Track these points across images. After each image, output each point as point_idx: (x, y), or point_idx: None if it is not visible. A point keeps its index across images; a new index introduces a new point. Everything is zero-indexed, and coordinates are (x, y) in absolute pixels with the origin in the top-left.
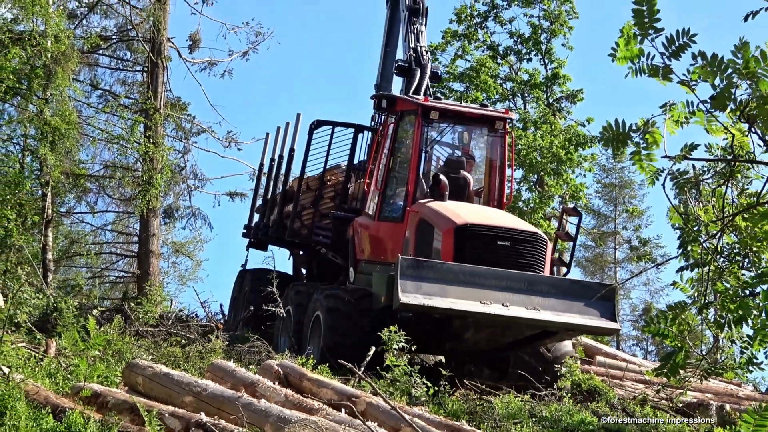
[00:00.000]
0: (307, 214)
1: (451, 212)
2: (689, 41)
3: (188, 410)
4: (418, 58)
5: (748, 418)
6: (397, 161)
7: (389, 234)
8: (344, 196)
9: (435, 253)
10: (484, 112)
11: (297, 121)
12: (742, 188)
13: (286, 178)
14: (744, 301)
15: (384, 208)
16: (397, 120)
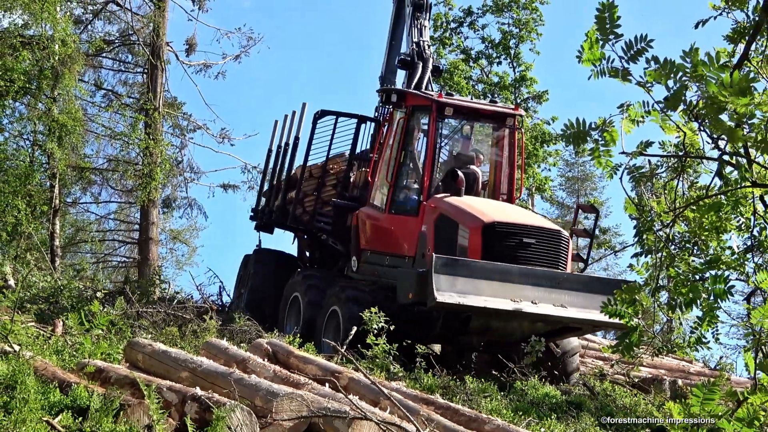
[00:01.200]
0: (309, 201)
1: (476, 209)
2: (646, 46)
3: (184, 385)
4: (420, 52)
5: (697, 392)
6: (408, 155)
7: (401, 227)
8: (346, 185)
9: (460, 250)
10: (497, 109)
11: (302, 110)
12: (692, 182)
13: (291, 165)
14: (694, 285)
15: (395, 201)
16: (408, 114)
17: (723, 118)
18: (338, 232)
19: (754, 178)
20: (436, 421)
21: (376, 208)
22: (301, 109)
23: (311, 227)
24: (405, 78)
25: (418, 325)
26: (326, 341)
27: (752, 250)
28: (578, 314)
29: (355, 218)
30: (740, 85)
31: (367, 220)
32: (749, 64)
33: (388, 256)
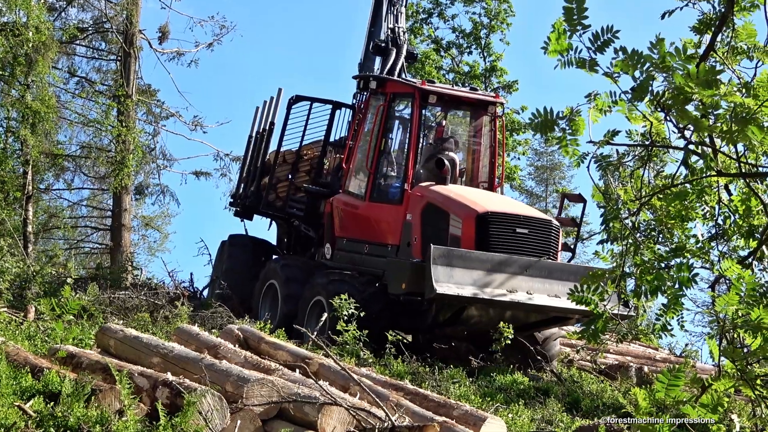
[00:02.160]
0: (283, 187)
1: (466, 199)
2: (613, 37)
3: (156, 370)
4: (395, 39)
5: (662, 378)
6: (388, 142)
7: (383, 215)
8: (319, 171)
9: (452, 240)
10: (480, 97)
11: (278, 96)
12: (658, 171)
13: (265, 151)
14: (659, 273)
15: (375, 189)
16: (388, 101)
17: (689, 109)
18: (310, 218)
19: (719, 168)
20: (405, 406)
21: (353, 196)
22: (276, 95)
23: (284, 213)
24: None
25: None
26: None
27: (717, 239)
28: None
29: (329, 205)
30: (706, 77)
31: (344, 208)
32: (715, 55)
33: (367, 244)
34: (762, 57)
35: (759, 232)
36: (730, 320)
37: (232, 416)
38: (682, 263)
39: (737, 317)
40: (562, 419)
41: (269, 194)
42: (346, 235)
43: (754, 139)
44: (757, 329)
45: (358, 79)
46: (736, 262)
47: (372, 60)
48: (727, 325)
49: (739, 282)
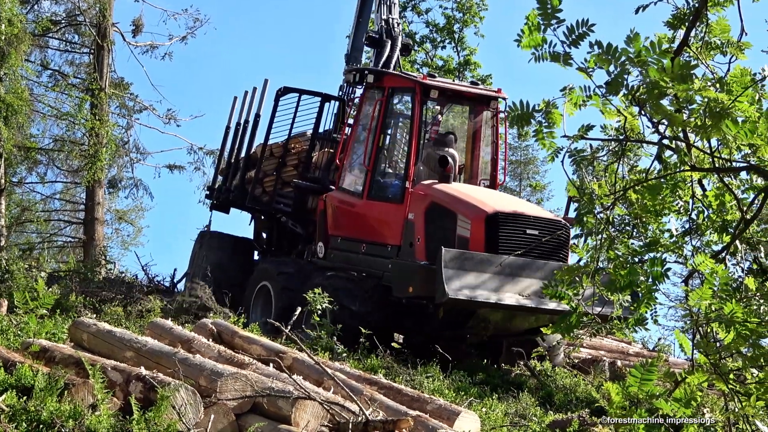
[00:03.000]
0: (269, 181)
1: (474, 198)
2: (588, 31)
3: (129, 364)
4: (389, 30)
5: (635, 372)
6: (386, 138)
7: (382, 214)
8: (307, 165)
9: (460, 242)
10: (482, 92)
11: (264, 87)
12: (633, 165)
13: (251, 143)
14: (633, 267)
15: (374, 187)
16: (387, 96)
17: (663, 103)
18: (298, 214)
19: (692, 162)
20: (379, 400)
21: (349, 193)
22: (262, 86)
23: (270, 208)
24: (373, 56)
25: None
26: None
27: (690, 233)
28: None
29: (321, 202)
30: (681, 71)
31: (339, 205)
32: (689, 50)
33: (364, 243)
34: (735, 52)
35: (732, 227)
36: (703, 315)
37: (206, 410)
38: (655, 258)
39: (710, 312)
40: (536, 413)
41: (255, 189)
42: (341, 234)
43: (729, 133)
44: (730, 324)
45: (354, 73)
46: (710, 257)
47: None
48: (700, 319)
49: (713, 277)
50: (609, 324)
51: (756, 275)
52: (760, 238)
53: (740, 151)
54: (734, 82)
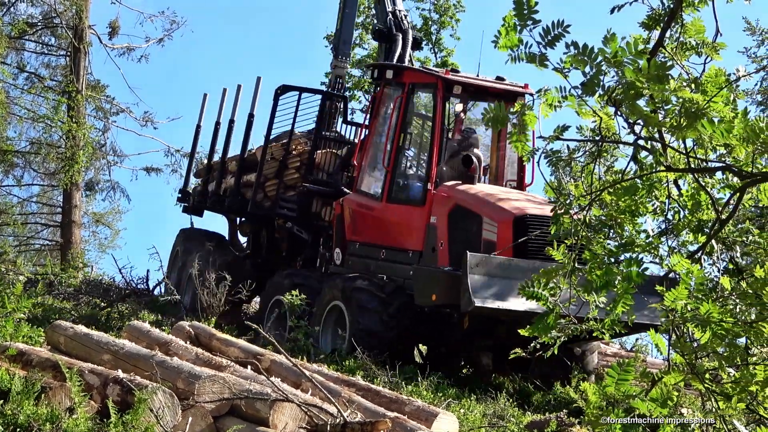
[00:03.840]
0: (271, 186)
1: (500, 200)
2: (563, 32)
3: (106, 368)
4: (398, 23)
5: (612, 372)
6: (407, 138)
7: (403, 217)
8: (310, 167)
9: (486, 246)
10: (508, 87)
11: (257, 85)
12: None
13: (245, 145)
14: (609, 268)
15: (394, 189)
16: (407, 92)
17: (639, 104)
18: (303, 219)
19: (668, 163)
20: (357, 402)
21: (368, 196)
22: (255, 85)
23: (274, 214)
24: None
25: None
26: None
27: (666, 234)
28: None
29: (338, 206)
30: (657, 71)
31: (357, 209)
32: (664, 51)
33: (384, 249)
34: (710, 53)
35: (708, 227)
36: (679, 315)
37: (184, 413)
38: (631, 258)
39: (686, 312)
40: (514, 414)
41: (257, 194)
42: (359, 239)
43: (705, 133)
44: (706, 323)
45: (372, 68)
46: (685, 257)
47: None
48: (676, 319)
49: (688, 277)
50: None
51: (731, 275)
52: (736, 237)
53: (715, 152)
54: (709, 82)
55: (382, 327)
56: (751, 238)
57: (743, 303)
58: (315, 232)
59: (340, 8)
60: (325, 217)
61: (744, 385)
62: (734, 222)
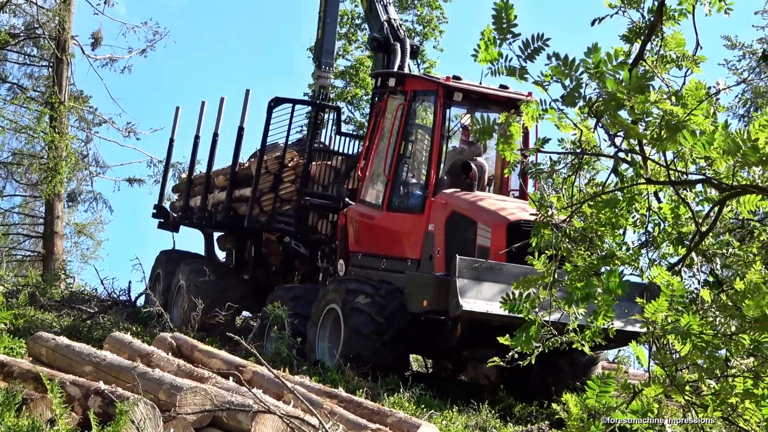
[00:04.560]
0: (267, 200)
1: (496, 206)
2: (543, 45)
3: (88, 379)
4: (395, 32)
5: (593, 385)
6: (408, 146)
7: (402, 226)
8: (305, 180)
9: (480, 251)
10: (510, 95)
11: (246, 97)
12: (590, 178)
13: (236, 158)
14: (589, 280)
15: (394, 197)
16: (408, 100)
17: (621, 115)
18: (301, 232)
19: (648, 175)
20: (339, 414)
21: (370, 206)
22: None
23: (271, 228)
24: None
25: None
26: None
27: (646, 246)
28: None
29: (342, 218)
30: (638, 82)
31: (359, 219)
32: (644, 64)
33: (385, 258)
34: (691, 66)
35: (688, 239)
36: (659, 327)
37: (166, 425)
38: (612, 270)
39: (667, 324)
40: (496, 425)
41: (253, 208)
42: (362, 250)
43: (686, 145)
44: (687, 335)
45: (375, 77)
46: (666, 269)
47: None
48: (656, 331)
49: (669, 289)
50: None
51: (712, 287)
52: (716, 250)
53: (696, 164)
54: (689, 95)
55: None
56: (731, 251)
57: (723, 315)
58: (312, 245)
59: (321, 18)
60: (321, 231)
61: (724, 397)
62: (714, 234)
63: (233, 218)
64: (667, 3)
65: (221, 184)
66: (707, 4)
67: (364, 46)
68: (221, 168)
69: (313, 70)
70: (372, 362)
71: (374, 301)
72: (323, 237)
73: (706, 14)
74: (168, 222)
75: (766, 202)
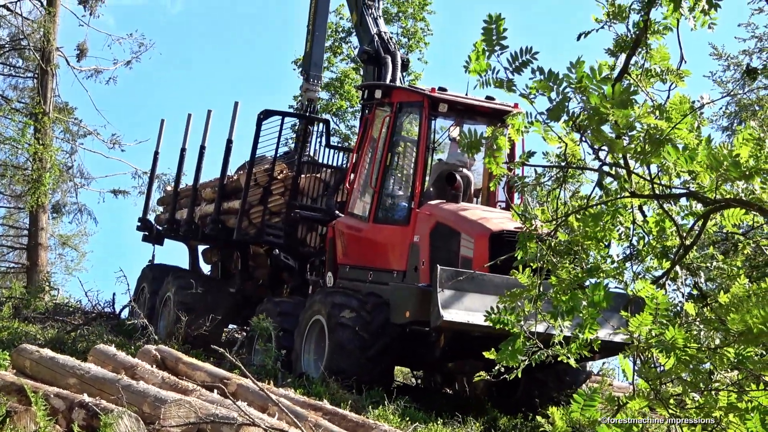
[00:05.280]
0: (256, 212)
1: (480, 216)
2: (531, 58)
3: (72, 391)
4: (385, 45)
5: (578, 398)
6: (394, 157)
7: (388, 238)
8: (294, 192)
9: (463, 262)
10: (495, 106)
11: (235, 110)
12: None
13: (224, 171)
14: (574, 293)
15: (380, 209)
16: (395, 112)
17: (604, 129)
18: (290, 245)
19: (633, 189)
20: (323, 426)
21: (357, 218)
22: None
23: (260, 241)
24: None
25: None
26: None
27: (631, 259)
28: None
29: (331, 230)
30: (621, 98)
31: (347, 231)
32: (629, 77)
33: (371, 271)
34: (675, 80)
35: (672, 252)
36: (644, 340)
37: None
38: (597, 283)
39: (651, 337)
40: None
41: (242, 221)
42: (350, 262)
43: (669, 159)
44: (671, 349)
45: (362, 89)
46: (650, 283)
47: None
48: (641, 345)
49: (653, 302)
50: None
51: (696, 301)
52: (700, 263)
53: (680, 178)
54: (673, 109)
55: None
56: (715, 264)
57: (707, 328)
58: (301, 258)
59: (310, 31)
60: (310, 243)
61: (708, 411)
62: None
63: (221, 231)
64: (652, 17)
65: (208, 197)
66: (692, 18)
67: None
68: (208, 180)
69: (301, 83)
70: (356, 377)
71: (359, 316)
72: (312, 250)
73: (691, 29)
74: (152, 235)
75: (750, 216)
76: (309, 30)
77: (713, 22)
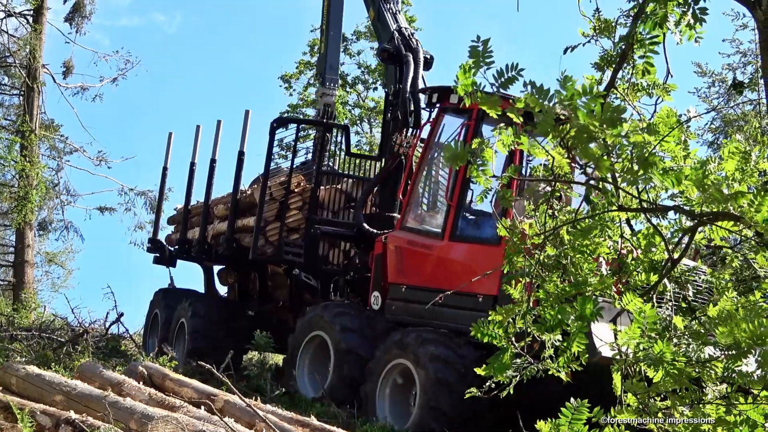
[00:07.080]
0: (273, 229)
1: None
2: (517, 75)
3: (58, 408)
4: (407, 42)
5: (566, 412)
6: None
7: (475, 258)
8: (314, 206)
9: None
10: None
11: (246, 119)
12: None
13: (236, 186)
14: (562, 307)
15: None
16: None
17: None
18: (311, 263)
19: (620, 203)
20: None
21: (421, 233)
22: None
23: (279, 260)
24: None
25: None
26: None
27: (619, 273)
28: None
29: (380, 245)
30: (611, 116)
31: (407, 248)
32: (615, 92)
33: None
34: (662, 94)
35: (660, 266)
36: (632, 353)
37: None
38: (585, 297)
39: (639, 351)
40: None
41: (258, 239)
42: (407, 282)
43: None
44: (659, 363)
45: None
46: (638, 296)
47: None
48: (629, 359)
49: (641, 316)
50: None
51: (684, 314)
52: (688, 277)
53: (667, 191)
54: (661, 122)
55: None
56: (703, 278)
57: (696, 342)
58: (324, 277)
59: (324, 31)
60: (333, 261)
61: (697, 425)
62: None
63: (236, 250)
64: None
65: (221, 214)
66: (678, 33)
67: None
68: (220, 197)
69: (317, 88)
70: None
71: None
72: (336, 268)
73: (677, 43)
74: (164, 256)
75: (737, 228)
76: (322, 30)
77: (699, 35)
